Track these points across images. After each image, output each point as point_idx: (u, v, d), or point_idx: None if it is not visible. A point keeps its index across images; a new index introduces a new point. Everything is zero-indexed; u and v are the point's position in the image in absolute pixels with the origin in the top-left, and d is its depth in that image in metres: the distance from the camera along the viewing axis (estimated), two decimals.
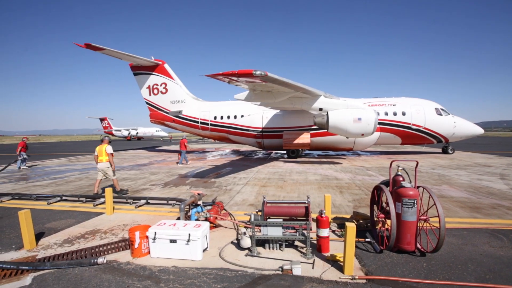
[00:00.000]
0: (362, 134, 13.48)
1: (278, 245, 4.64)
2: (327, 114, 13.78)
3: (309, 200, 5.18)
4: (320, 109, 14.26)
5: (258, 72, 9.76)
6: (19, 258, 4.48)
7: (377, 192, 5.13)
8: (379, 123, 16.96)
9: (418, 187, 4.60)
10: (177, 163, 16.02)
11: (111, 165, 8.19)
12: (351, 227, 3.88)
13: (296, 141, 16.97)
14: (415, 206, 4.33)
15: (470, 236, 5.01)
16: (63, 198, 7.72)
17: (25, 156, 15.59)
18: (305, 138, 16.96)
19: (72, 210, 6.86)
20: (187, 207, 5.76)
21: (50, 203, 7.43)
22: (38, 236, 5.27)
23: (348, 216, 5.91)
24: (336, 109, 13.86)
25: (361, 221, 5.47)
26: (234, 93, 14.53)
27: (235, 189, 8.75)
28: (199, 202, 5.86)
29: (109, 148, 8.24)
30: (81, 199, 7.59)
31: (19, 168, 15.10)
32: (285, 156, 19.54)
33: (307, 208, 5.16)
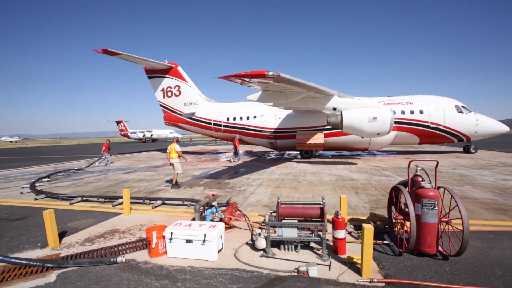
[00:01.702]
0: (378, 134, 13.20)
1: (293, 246, 4.61)
2: (341, 114, 13.59)
3: (324, 201, 5.13)
4: (334, 109, 14.08)
5: (270, 73, 9.76)
6: (44, 256, 4.68)
7: (395, 193, 5.01)
8: (396, 122, 16.53)
9: (438, 187, 4.46)
10: (231, 160, 17.65)
11: (184, 159, 10.06)
12: (369, 228, 3.81)
13: (309, 142, 16.85)
14: (436, 208, 4.19)
15: (497, 239, 4.79)
16: (84, 198, 8.04)
17: (105, 156, 17.93)
18: (318, 138, 16.81)
19: (92, 210, 7.11)
20: (202, 207, 5.83)
21: (72, 203, 7.75)
22: (61, 235, 5.50)
23: (365, 218, 5.79)
24: (351, 109, 13.64)
25: (378, 222, 5.35)
26: (247, 94, 14.59)
27: (249, 190, 8.77)
28: (213, 203, 5.91)
29: (177, 147, 9.80)
30: (100, 199, 7.87)
31: (107, 164, 17.79)
32: (299, 156, 19.44)
33: (322, 209, 5.11)
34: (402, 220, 4.69)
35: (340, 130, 14.56)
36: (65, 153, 33.71)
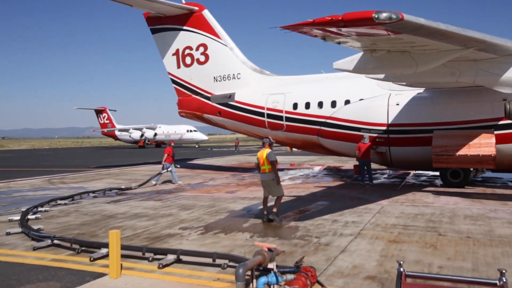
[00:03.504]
0: None
1: None
2: None
3: (504, 279, 4.73)
4: None
5: (384, 15, 9.47)
6: None
7: None
8: None
9: None
10: (366, 183, 18.53)
11: (275, 178, 10.96)
12: None
13: (462, 152, 16.04)
14: None
15: None
16: (54, 241, 8.83)
17: (169, 168, 20.48)
18: (483, 144, 15.92)
19: (55, 266, 7.64)
20: (250, 273, 5.86)
21: (37, 249, 8.59)
22: None
23: None
24: None
25: None
26: (331, 62, 14.45)
27: (336, 244, 8.76)
28: (271, 265, 5.91)
29: (270, 154, 10.87)
30: (74, 246, 8.50)
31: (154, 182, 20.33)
32: (438, 181, 18.85)
33: None
34: None
35: None
36: (10, 164, 37.69)
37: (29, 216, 11.69)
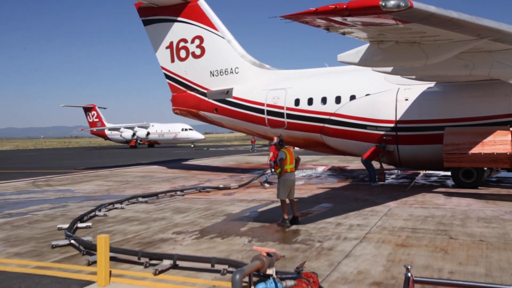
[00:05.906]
0: None
1: None
2: None
3: None
4: None
5: (392, 3, 9.44)
6: None
7: None
8: None
9: None
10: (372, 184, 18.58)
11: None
12: None
13: (476, 150, 16.04)
14: None
15: None
16: (71, 241, 9.21)
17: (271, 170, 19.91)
18: (498, 142, 15.90)
19: (39, 273, 7.62)
20: (248, 279, 5.86)
21: (55, 246, 9.08)
22: None
23: None
24: None
25: None
26: (332, 56, 14.45)
27: (340, 249, 8.77)
28: (269, 271, 5.91)
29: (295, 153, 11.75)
30: (81, 248, 8.76)
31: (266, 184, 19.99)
32: (449, 182, 18.86)
33: None
34: None
35: None
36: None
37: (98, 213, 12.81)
